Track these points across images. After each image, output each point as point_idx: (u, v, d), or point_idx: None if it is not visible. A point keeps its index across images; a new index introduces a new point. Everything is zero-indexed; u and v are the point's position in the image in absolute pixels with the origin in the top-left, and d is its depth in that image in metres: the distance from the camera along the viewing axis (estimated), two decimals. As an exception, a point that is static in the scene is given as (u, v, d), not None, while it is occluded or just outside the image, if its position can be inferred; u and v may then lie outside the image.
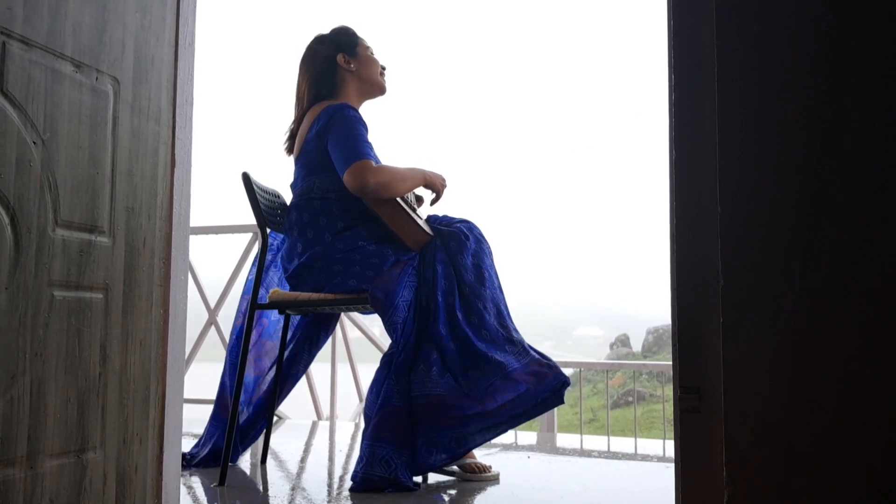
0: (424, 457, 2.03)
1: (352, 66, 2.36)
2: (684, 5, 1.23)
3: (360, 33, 2.46)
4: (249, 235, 4.12)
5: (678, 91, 1.22)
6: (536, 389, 2.09)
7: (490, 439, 2.11)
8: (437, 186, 2.38)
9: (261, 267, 2.35)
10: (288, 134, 2.43)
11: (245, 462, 2.50)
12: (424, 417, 2.04)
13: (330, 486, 2.18)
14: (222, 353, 4.04)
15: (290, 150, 2.42)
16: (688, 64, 1.22)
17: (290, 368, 2.49)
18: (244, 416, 2.42)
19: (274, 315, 2.51)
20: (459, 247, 2.22)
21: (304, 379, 3.96)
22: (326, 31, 2.46)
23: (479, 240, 2.29)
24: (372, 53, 2.42)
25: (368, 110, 2.47)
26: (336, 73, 2.36)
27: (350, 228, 2.24)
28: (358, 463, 2.03)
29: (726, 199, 1.15)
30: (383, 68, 2.45)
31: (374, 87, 2.42)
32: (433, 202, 2.41)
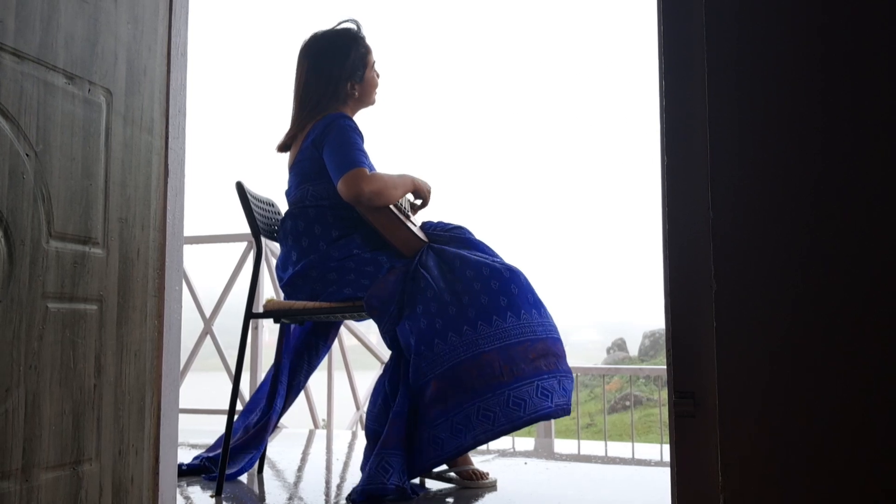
0: (459, 437, 1.93)
1: (356, 92, 2.37)
2: (675, 11, 1.24)
3: (365, 37, 2.41)
4: (244, 244, 4.12)
5: (669, 96, 1.23)
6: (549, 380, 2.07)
7: (517, 422, 1.98)
8: (423, 193, 2.39)
9: (255, 276, 2.35)
10: (285, 135, 2.41)
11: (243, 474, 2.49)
12: (446, 394, 1.96)
13: (327, 495, 2.18)
14: (218, 363, 4.04)
15: (280, 149, 2.41)
16: (679, 69, 1.23)
17: (292, 379, 2.48)
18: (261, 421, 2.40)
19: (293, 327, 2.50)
20: (457, 247, 2.23)
21: (300, 387, 3.95)
22: (332, 26, 2.40)
23: (472, 241, 2.30)
24: (375, 70, 2.42)
25: (365, 114, 2.47)
26: (340, 95, 2.35)
27: (345, 236, 2.24)
28: (364, 479, 1.98)
29: (718, 203, 1.16)
30: (379, 75, 2.44)
31: (367, 105, 2.44)
32: (419, 209, 2.43)
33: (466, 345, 2.01)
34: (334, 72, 2.33)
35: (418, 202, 2.42)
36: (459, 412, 1.97)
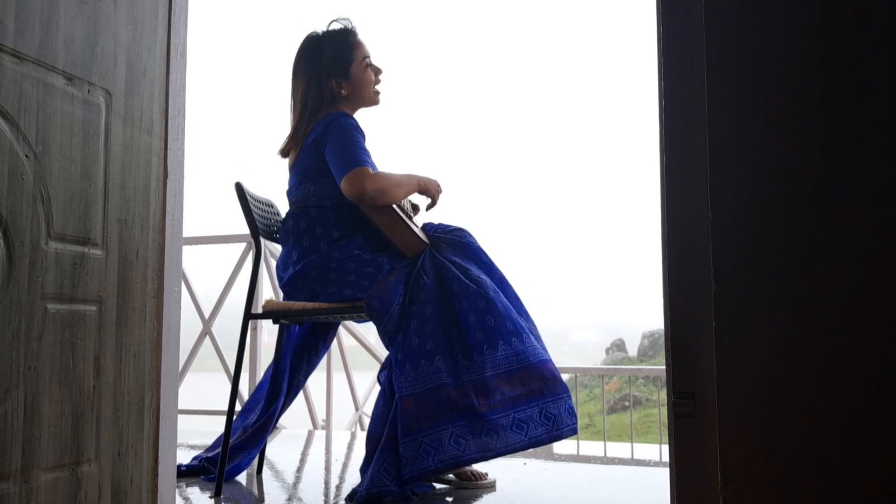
0: (425, 459, 1.93)
1: (343, 91, 2.34)
2: (674, 11, 1.24)
3: (357, 32, 2.38)
4: (243, 245, 4.12)
5: (668, 97, 1.23)
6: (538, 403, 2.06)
7: (487, 453, 1.97)
8: (431, 192, 2.37)
9: (255, 276, 2.35)
10: (285, 141, 2.41)
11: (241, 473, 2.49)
12: (419, 415, 1.96)
13: (326, 495, 2.18)
14: (217, 364, 4.05)
15: (283, 154, 2.41)
16: (678, 70, 1.23)
17: (292, 379, 2.47)
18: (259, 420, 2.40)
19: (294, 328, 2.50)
20: (450, 254, 2.22)
21: (299, 388, 3.95)
22: (323, 28, 2.40)
23: (472, 246, 2.29)
24: (368, 64, 2.38)
25: (362, 115, 2.47)
26: (324, 94, 2.34)
27: (346, 237, 2.24)
28: (367, 482, 1.97)
29: (718, 203, 1.16)
30: (379, 71, 2.41)
31: (366, 103, 2.40)
32: (429, 207, 2.41)
33: (448, 371, 2.01)
34: (316, 72, 2.33)
35: (427, 201, 2.40)
36: (431, 434, 1.95)
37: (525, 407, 2.03)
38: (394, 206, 2.21)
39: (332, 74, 2.33)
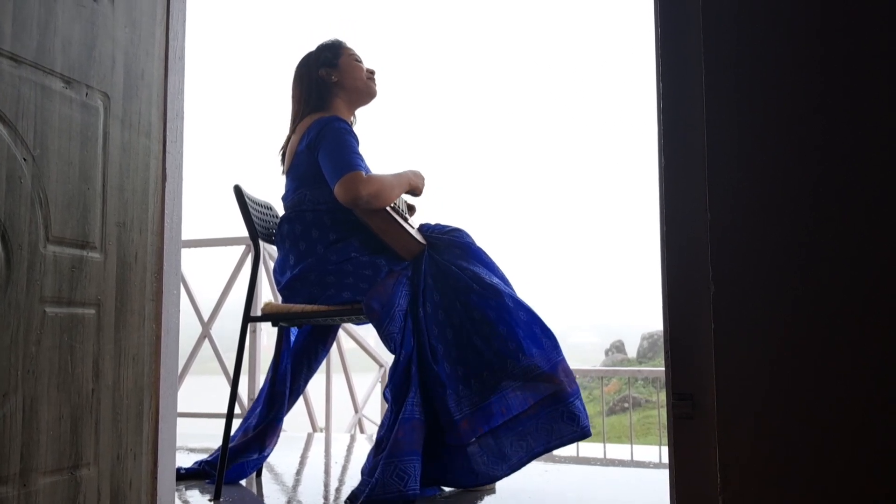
0: (496, 468, 2.04)
1: (333, 77, 2.37)
2: (672, 12, 1.24)
3: (348, 42, 2.46)
4: (242, 248, 4.12)
5: (667, 98, 1.23)
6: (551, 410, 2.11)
7: (550, 445, 2.09)
8: (418, 189, 2.40)
9: (253, 279, 2.35)
10: (283, 144, 2.43)
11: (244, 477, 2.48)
12: (476, 432, 2.05)
13: (326, 498, 2.17)
14: (217, 367, 4.04)
15: (283, 151, 2.44)
16: (676, 71, 1.23)
17: (293, 384, 2.46)
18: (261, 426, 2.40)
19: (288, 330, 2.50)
20: (451, 257, 2.22)
21: (298, 391, 3.95)
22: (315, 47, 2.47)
23: (471, 247, 2.29)
24: (357, 60, 2.41)
25: (364, 113, 2.48)
26: (322, 88, 2.37)
27: (343, 240, 2.24)
28: (370, 484, 1.95)
29: (717, 205, 1.16)
30: (371, 72, 2.44)
31: (361, 94, 2.42)
32: (414, 211, 2.44)
33: (489, 388, 2.09)
34: (307, 70, 2.41)
35: (414, 198, 2.43)
36: (495, 446, 2.05)
37: (574, 399, 2.14)
38: (388, 208, 2.21)
39: (320, 65, 2.40)
